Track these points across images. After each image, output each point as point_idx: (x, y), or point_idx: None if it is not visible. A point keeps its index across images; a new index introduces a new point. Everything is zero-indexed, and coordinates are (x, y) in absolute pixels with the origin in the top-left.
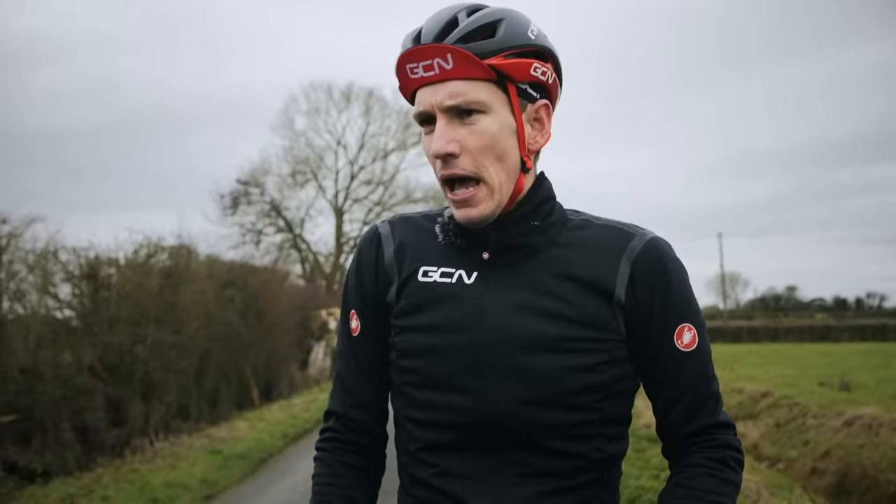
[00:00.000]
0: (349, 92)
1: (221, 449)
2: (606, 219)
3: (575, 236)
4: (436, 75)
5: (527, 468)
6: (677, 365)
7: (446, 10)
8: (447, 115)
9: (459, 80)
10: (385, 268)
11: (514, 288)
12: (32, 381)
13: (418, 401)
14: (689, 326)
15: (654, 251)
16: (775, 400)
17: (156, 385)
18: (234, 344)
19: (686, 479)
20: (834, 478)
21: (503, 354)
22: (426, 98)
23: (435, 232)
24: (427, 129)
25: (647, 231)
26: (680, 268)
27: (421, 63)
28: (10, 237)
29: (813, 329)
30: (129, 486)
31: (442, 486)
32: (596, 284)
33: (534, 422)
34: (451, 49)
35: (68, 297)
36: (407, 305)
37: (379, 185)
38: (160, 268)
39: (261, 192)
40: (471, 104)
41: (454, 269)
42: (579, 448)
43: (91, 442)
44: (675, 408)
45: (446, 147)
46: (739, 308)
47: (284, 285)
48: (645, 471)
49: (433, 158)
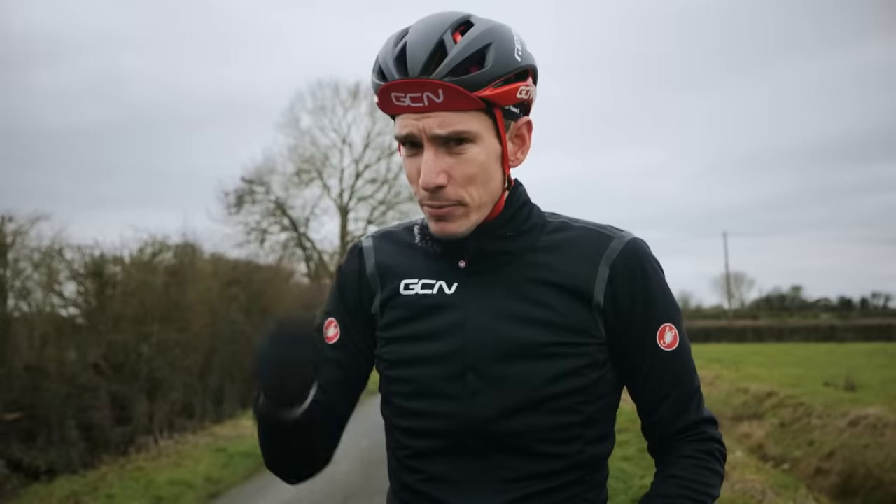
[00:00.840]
0: (356, 90)
1: (226, 447)
2: (584, 221)
3: (553, 240)
4: (424, 107)
5: (511, 472)
6: (661, 365)
7: (432, 28)
8: (434, 143)
9: (448, 111)
10: (367, 279)
11: (494, 295)
12: (37, 379)
13: (406, 410)
14: (671, 326)
15: (632, 253)
16: (780, 400)
17: (160, 383)
18: (238, 342)
19: (679, 469)
20: (839, 478)
21: (486, 362)
22: (411, 123)
23: (414, 243)
24: (410, 151)
25: (625, 232)
26: (658, 267)
27: (409, 94)
28: (16, 235)
29: (818, 329)
30: (134, 484)
31: (428, 491)
32: (575, 288)
33: (517, 427)
34: (441, 85)
35: (73, 295)
36: (391, 318)
37: (384, 183)
38: (165, 266)
39: (266, 190)
40: (460, 134)
41: (434, 281)
42: (562, 450)
43: (96, 440)
44: (660, 407)
45: (436, 179)
46: (744, 308)
47: (289, 284)
48: (649, 470)
49: (419, 187)
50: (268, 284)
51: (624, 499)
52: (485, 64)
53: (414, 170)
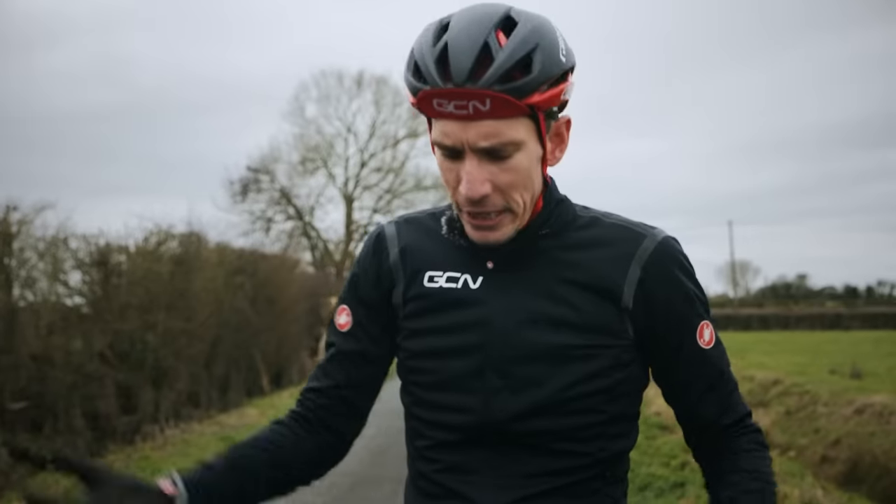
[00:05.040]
0: (360, 79)
1: (232, 436)
2: (616, 216)
3: (583, 236)
4: (468, 115)
5: (531, 468)
6: (702, 363)
7: (474, 27)
8: (478, 152)
9: (494, 119)
10: (389, 268)
11: (520, 294)
12: (43, 368)
13: (425, 400)
14: (707, 323)
15: (665, 253)
16: (786, 388)
17: (166, 372)
18: (244, 331)
19: (747, 462)
20: (845, 465)
21: (508, 362)
22: (454, 132)
23: (439, 231)
24: (449, 157)
25: (657, 230)
26: (690, 266)
27: (453, 102)
28: (21, 224)
29: (824, 317)
30: (140, 472)
31: (444, 481)
32: (604, 289)
33: (537, 427)
34: (489, 94)
35: (79, 284)
36: (414, 309)
37: (389, 172)
38: (170, 255)
39: (271, 179)
40: (506, 145)
41: (459, 274)
42: (584, 448)
43: (102, 429)
44: (705, 404)
45: (480, 190)
46: (750, 296)
47: (294, 273)
48: (656, 458)
49: (459, 195)
50: (273, 273)
51: (630, 486)
52: (531, 69)
53: (452, 176)
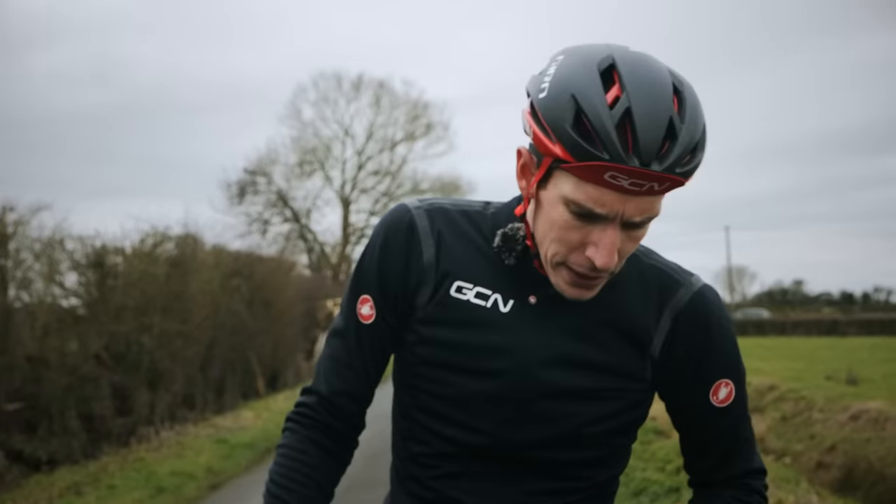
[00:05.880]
0: (359, 82)
1: (227, 438)
2: (654, 257)
3: (620, 276)
4: (638, 192)
5: (533, 486)
6: (711, 420)
7: (659, 99)
8: (621, 224)
9: (654, 196)
10: (423, 267)
11: (549, 329)
12: (39, 370)
13: (431, 409)
14: (727, 382)
15: (699, 306)
16: (782, 393)
17: (162, 374)
18: (240, 333)
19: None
20: (840, 472)
21: (526, 397)
22: (612, 204)
23: (476, 238)
24: (583, 219)
25: (694, 279)
26: (724, 323)
27: (632, 179)
28: (17, 225)
29: (820, 323)
30: (135, 474)
31: (441, 487)
32: (633, 335)
33: (546, 457)
34: (670, 179)
35: (74, 285)
36: (435, 315)
37: (386, 175)
38: (167, 257)
39: (268, 181)
40: (650, 217)
41: (490, 292)
42: (586, 473)
43: (97, 430)
44: (706, 458)
45: (613, 261)
46: (746, 301)
47: (291, 275)
48: (651, 463)
49: (590, 265)
50: (269, 276)
51: (625, 491)
52: (699, 150)
53: (577, 237)
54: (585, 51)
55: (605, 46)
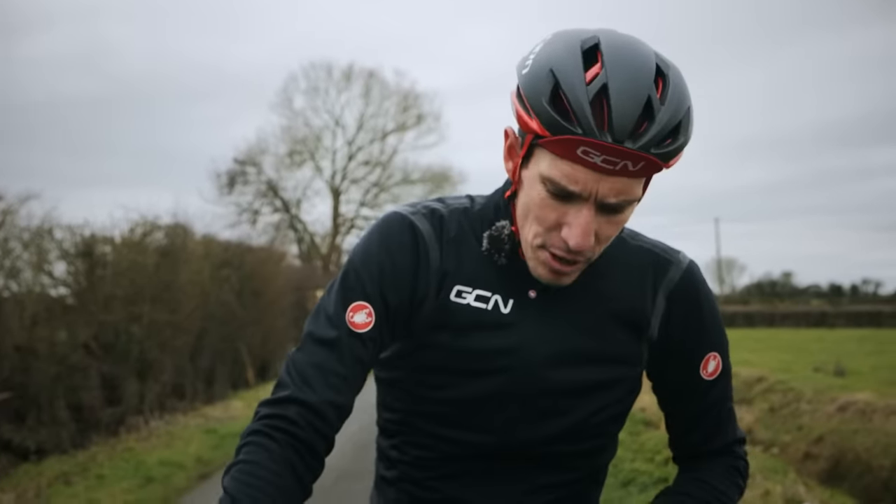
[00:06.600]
0: (350, 72)
1: (216, 428)
2: (641, 238)
3: (611, 261)
4: (612, 171)
5: (536, 480)
6: (700, 393)
7: (638, 77)
8: (597, 205)
9: (631, 178)
10: (431, 274)
11: (551, 324)
12: (27, 359)
13: (429, 413)
14: (715, 354)
15: (690, 283)
16: (770, 385)
17: (151, 364)
18: (229, 323)
19: (706, 475)
20: (827, 463)
21: (531, 394)
22: (586, 182)
23: (469, 239)
24: (559, 198)
25: (681, 256)
26: (711, 296)
27: (604, 156)
28: (5, 214)
29: (808, 315)
30: (124, 464)
31: (442, 487)
32: (632, 320)
33: (552, 450)
34: (645, 158)
35: (63, 275)
36: (435, 321)
37: (377, 165)
38: (156, 246)
39: (258, 171)
40: (629, 202)
41: (490, 294)
42: (587, 462)
43: (86, 420)
44: (695, 431)
45: (588, 243)
46: (735, 293)
47: (281, 265)
48: (640, 454)
49: (565, 246)
50: (259, 266)
51: (613, 482)
52: (682, 134)
53: (553, 216)
54: (574, 32)
55: (596, 29)
